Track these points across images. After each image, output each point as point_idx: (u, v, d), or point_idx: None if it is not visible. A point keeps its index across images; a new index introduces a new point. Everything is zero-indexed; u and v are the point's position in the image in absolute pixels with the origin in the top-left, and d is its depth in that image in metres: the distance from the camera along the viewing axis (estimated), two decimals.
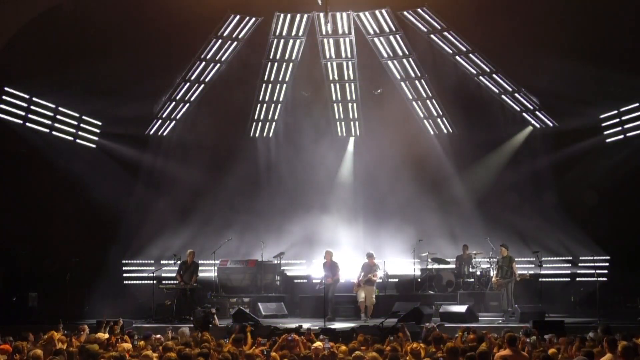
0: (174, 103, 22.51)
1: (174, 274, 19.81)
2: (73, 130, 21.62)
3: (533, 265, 19.77)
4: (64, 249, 20.72)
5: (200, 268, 19.21)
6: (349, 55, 21.69)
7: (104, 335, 11.97)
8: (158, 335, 12.35)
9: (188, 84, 22.04)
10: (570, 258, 22.02)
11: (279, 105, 23.18)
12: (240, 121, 23.52)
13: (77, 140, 21.77)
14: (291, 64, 22.07)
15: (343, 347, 10.65)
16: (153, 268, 21.14)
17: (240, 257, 21.90)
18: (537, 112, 22.35)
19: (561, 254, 22.03)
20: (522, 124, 22.80)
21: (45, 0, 17.54)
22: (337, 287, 18.74)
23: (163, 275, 21.18)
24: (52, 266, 20.53)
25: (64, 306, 18.55)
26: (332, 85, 22.69)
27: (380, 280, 21.19)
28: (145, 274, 21.75)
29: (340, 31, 20.96)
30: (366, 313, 18.14)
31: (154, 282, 19.36)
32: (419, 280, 20.81)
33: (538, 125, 22.69)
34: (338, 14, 20.31)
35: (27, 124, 20.16)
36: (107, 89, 20.06)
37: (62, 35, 18.09)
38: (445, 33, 20.49)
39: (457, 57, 21.17)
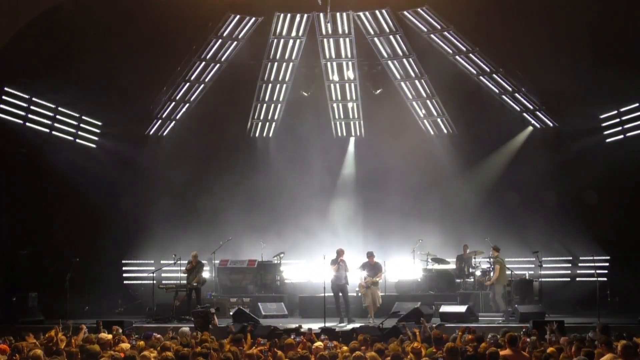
0: (174, 103, 22.52)
1: (173, 274, 19.82)
2: (73, 130, 21.63)
3: (533, 265, 19.77)
4: (64, 249, 20.72)
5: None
6: (349, 55, 21.69)
7: (106, 336, 11.95)
8: (158, 335, 12.33)
9: (188, 84, 22.05)
10: (570, 258, 22.05)
11: (279, 105, 23.18)
12: (240, 121, 23.52)
13: (77, 140, 21.77)
14: (291, 64, 22.07)
15: (345, 348, 10.64)
16: (153, 268, 21.13)
17: (240, 257, 21.89)
18: (537, 112, 22.36)
19: (561, 254, 22.05)
20: (522, 124, 22.81)
21: (46, 0, 17.55)
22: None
23: (163, 275, 21.17)
24: (52, 266, 20.53)
25: (64, 306, 18.57)
26: (332, 85, 22.69)
27: (381, 280, 21.23)
28: (145, 274, 21.75)
29: (340, 31, 20.96)
30: (372, 314, 17.70)
31: (154, 282, 19.35)
32: (419, 280, 20.80)
33: (538, 125, 22.69)
34: (338, 14, 20.31)
35: (27, 124, 20.17)
36: (107, 89, 20.07)
37: (62, 35, 18.10)
38: (445, 33, 20.51)
39: (457, 57, 21.19)
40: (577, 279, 21.59)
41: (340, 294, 17.66)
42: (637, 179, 20.73)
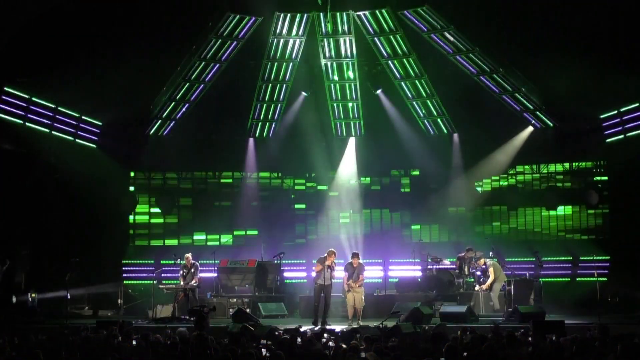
0: (173, 103, 22.51)
1: (173, 275, 19.81)
2: (73, 130, 21.61)
3: (533, 265, 19.78)
4: (64, 249, 20.74)
5: (200, 268, 19.19)
6: (349, 55, 21.68)
7: (100, 335, 11.96)
8: (157, 335, 12.32)
9: (188, 84, 22.04)
10: (571, 258, 22.05)
11: (279, 105, 23.17)
12: (240, 121, 23.51)
13: (77, 140, 21.75)
14: (291, 64, 22.06)
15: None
16: (153, 268, 21.13)
17: (240, 257, 21.86)
18: (537, 112, 22.35)
19: (561, 254, 22.06)
20: (522, 124, 22.79)
21: (46, 0, 17.55)
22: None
23: (163, 275, 21.17)
24: (52, 266, 20.54)
25: (64, 306, 18.58)
26: (332, 85, 22.68)
27: (381, 281, 21.24)
28: (145, 274, 21.75)
29: (340, 31, 20.96)
30: (355, 317, 17.12)
31: (154, 282, 19.35)
32: (419, 280, 20.78)
33: (538, 125, 22.68)
34: (338, 14, 20.32)
35: (27, 123, 20.15)
36: (107, 89, 20.06)
37: (62, 34, 18.09)
38: (446, 32, 20.51)
39: (457, 57, 21.18)
40: (577, 279, 21.59)
41: (323, 295, 16.96)
42: (637, 179, 20.75)
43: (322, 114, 23.28)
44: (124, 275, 22.70)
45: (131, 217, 23.61)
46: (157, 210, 23.74)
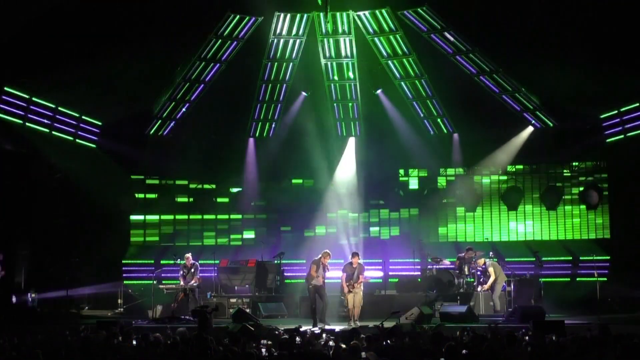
0: (173, 103, 22.52)
1: (172, 274, 19.82)
2: (73, 130, 21.61)
3: (533, 265, 19.78)
4: (64, 249, 20.74)
5: (200, 268, 19.19)
6: (349, 55, 21.70)
7: (101, 334, 11.96)
8: (157, 335, 12.31)
9: (188, 84, 22.05)
10: (571, 258, 22.06)
11: (279, 105, 23.18)
12: (240, 121, 23.52)
13: (77, 140, 21.75)
14: (291, 64, 22.08)
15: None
16: (153, 268, 21.14)
17: (241, 257, 21.87)
18: (537, 112, 22.36)
19: (561, 254, 22.06)
20: (522, 124, 22.80)
21: (46, 0, 17.56)
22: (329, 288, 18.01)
23: (163, 275, 21.18)
24: (52, 266, 20.55)
25: (64, 306, 18.58)
26: (332, 85, 22.69)
27: (381, 281, 21.21)
28: (145, 274, 21.76)
29: (340, 31, 20.97)
30: (354, 317, 16.88)
31: (154, 282, 19.35)
32: (419, 280, 20.79)
33: (538, 125, 22.69)
34: (338, 14, 20.34)
35: (27, 124, 20.15)
36: (107, 89, 20.07)
37: (63, 34, 18.10)
38: (445, 33, 20.52)
39: (457, 57, 21.19)
40: (577, 279, 21.60)
41: (317, 296, 16.81)
42: (638, 179, 20.75)
43: (322, 114, 23.29)
44: (124, 275, 22.70)
45: (140, 217, 23.64)
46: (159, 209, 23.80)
